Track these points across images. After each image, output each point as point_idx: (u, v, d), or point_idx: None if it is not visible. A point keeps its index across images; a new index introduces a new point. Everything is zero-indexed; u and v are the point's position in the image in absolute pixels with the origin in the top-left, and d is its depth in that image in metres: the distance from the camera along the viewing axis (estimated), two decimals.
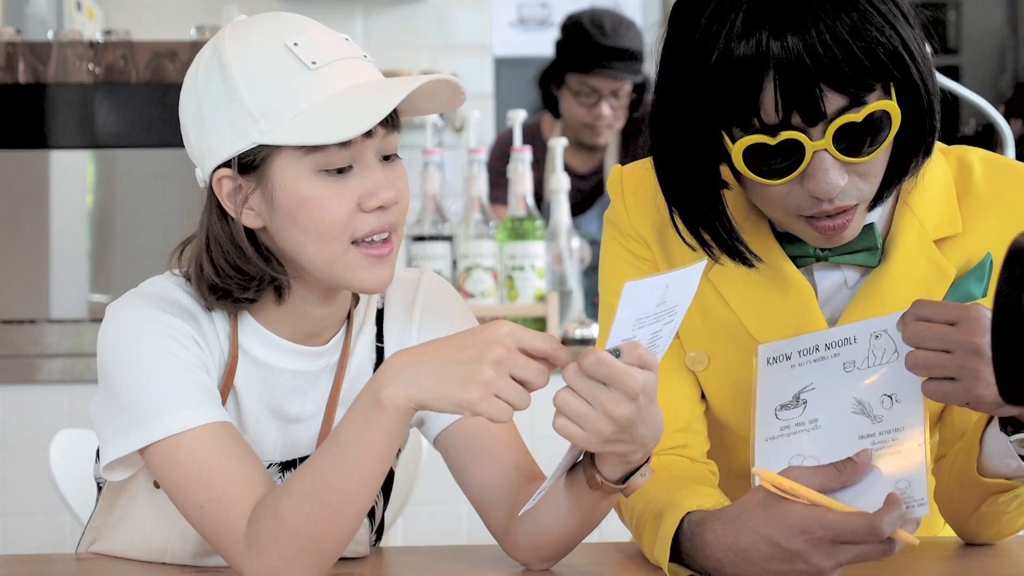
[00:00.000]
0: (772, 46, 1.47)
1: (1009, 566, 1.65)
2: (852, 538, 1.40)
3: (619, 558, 1.70)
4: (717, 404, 1.78)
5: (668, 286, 1.39)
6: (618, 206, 1.79)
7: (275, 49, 1.53)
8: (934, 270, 1.68)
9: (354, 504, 1.47)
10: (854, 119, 1.51)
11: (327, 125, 1.50)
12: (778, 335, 1.69)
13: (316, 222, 1.53)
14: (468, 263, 3.21)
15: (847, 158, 1.52)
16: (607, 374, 1.37)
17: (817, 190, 1.52)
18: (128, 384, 1.55)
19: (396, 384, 1.42)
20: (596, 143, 4.19)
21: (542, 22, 7.05)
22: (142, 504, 1.69)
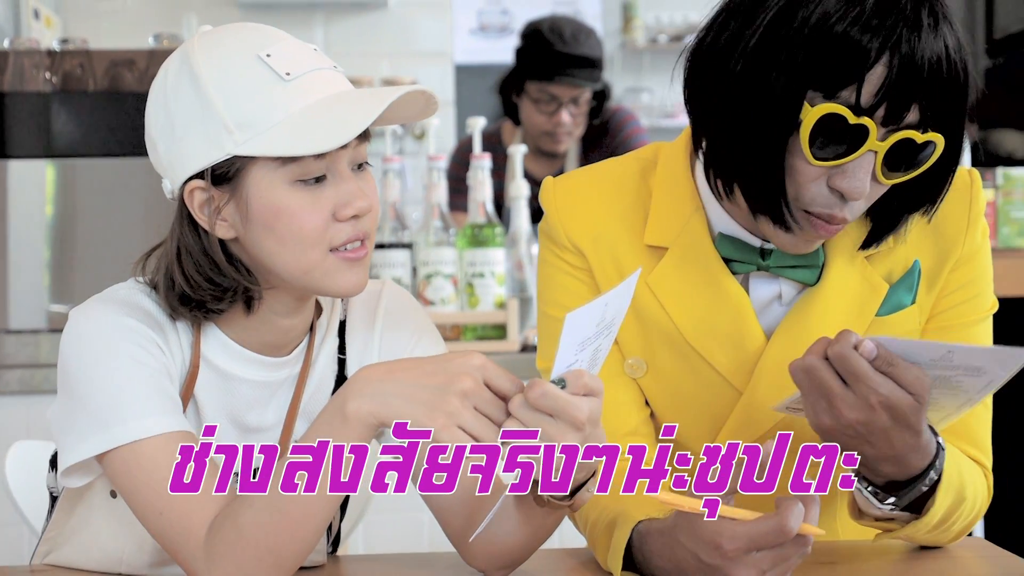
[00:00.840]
0: (904, 35, 1.50)
1: (958, 568, 1.66)
2: (764, 543, 1.41)
3: (574, 564, 1.70)
4: (658, 410, 1.80)
5: (607, 304, 1.40)
6: (552, 218, 1.80)
7: (248, 60, 1.53)
8: (867, 286, 1.71)
9: (315, 516, 1.47)
10: (916, 137, 1.54)
11: (305, 136, 1.50)
12: (715, 343, 1.71)
13: (293, 232, 1.53)
14: (428, 270, 3.20)
15: (882, 172, 1.56)
16: (552, 406, 1.38)
17: (848, 187, 1.55)
18: (91, 388, 1.55)
19: (362, 398, 1.42)
20: (556, 150, 4.20)
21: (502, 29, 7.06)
22: (99, 514, 1.68)
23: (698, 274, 1.71)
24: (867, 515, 1.63)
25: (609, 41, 7.23)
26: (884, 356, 1.48)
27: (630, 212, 1.76)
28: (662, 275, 1.73)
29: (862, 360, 1.47)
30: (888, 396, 1.48)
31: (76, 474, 1.59)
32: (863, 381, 1.48)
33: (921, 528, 1.61)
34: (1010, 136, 6.77)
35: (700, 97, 1.65)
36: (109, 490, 1.66)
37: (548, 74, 4.08)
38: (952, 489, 1.60)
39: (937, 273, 1.73)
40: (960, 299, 1.74)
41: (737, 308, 1.71)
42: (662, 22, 7.55)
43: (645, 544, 1.55)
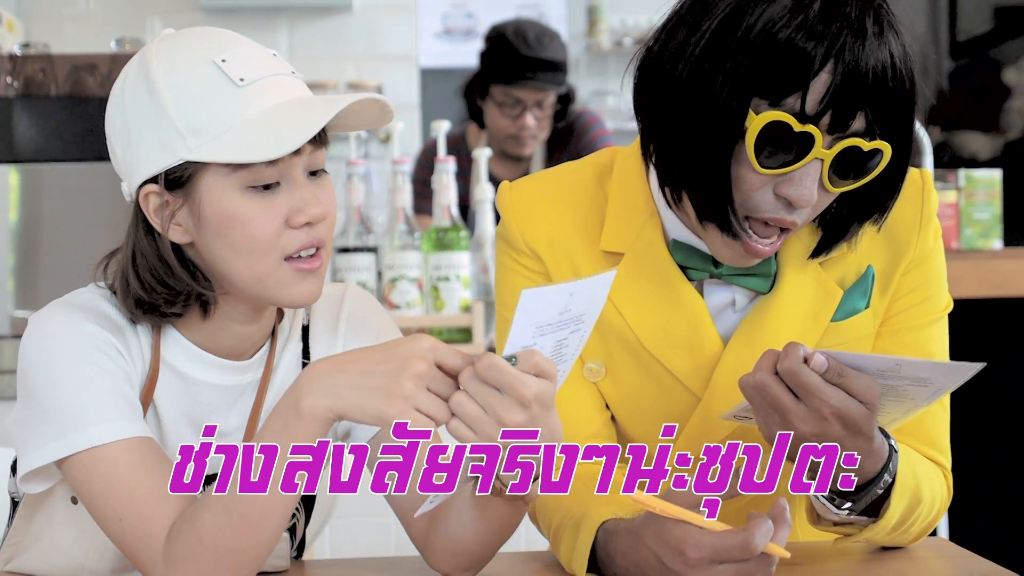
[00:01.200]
0: (849, 43, 1.50)
1: (919, 568, 1.67)
2: (728, 556, 1.41)
3: (538, 567, 1.70)
4: (618, 414, 1.80)
5: (572, 294, 1.39)
6: (509, 222, 1.80)
7: (203, 65, 1.52)
8: (821, 291, 1.72)
9: (273, 516, 1.47)
10: (862, 145, 1.55)
11: (255, 143, 1.49)
12: (672, 349, 1.71)
13: (245, 238, 1.52)
14: (393, 274, 3.20)
15: (829, 180, 1.56)
16: (499, 379, 1.37)
17: (795, 195, 1.55)
18: (51, 393, 1.54)
19: (316, 394, 1.42)
20: (521, 153, 4.20)
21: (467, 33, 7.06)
22: (60, 520, 1.68)
23: (654, 280, 1.72)
24: (825, 520, 1.64)
25: (574, 44, 7.24)
26: (834, 368, 1.48)
27: (586, 217, 1.77)
28: (618, 281, 1.73)
29: (812, 373, 1.48)
30: (840, 407, 1.48)
31: (36, 480, 1.59)
32: (815, 394, 1.48)
33: (879, 531, 1.61)
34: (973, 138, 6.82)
35: (648, 104, 1.65)
36: (70, 496, 1.65)
37: (512, 78, 4.08)
38: (907, 491, 1.61)
39: (890, 276, 1.74)
40: (913, 301, 1.75)
41: (693, 313, 1.72)
42: (627, 25, 7.56)
43: (611, 542, 1.55)
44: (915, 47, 1.57)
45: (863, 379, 1.49)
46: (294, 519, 1.73)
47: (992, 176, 3.71)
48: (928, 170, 1.77)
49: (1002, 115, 6.87)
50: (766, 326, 1.70)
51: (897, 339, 1.75)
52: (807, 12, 1.51)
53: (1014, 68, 6.91)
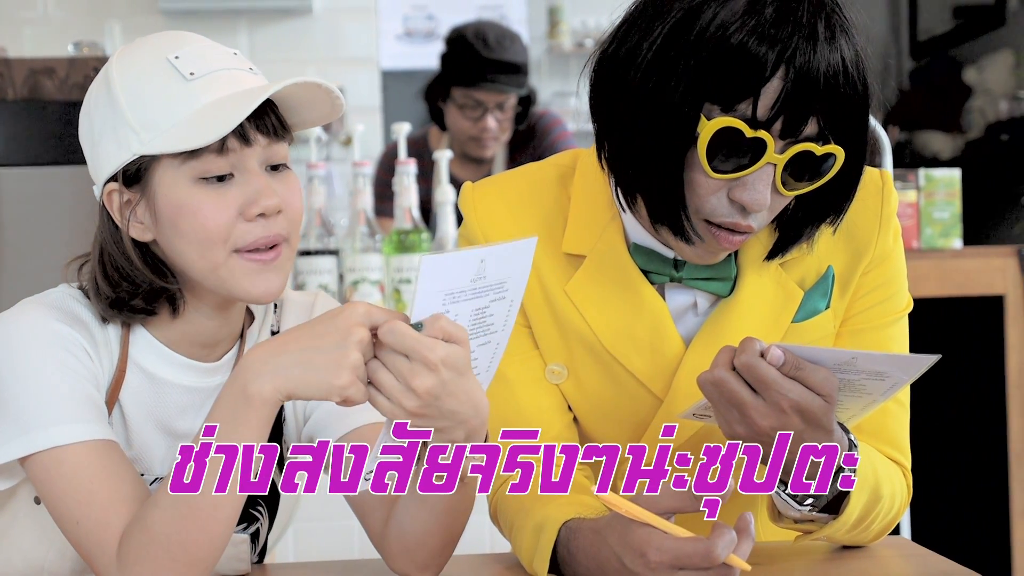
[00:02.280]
0: (801, 47, 1.50)
1: (879, 567, 1.68)
2: (689, 563, 1.40)
3: (500, 569, 1.70)
4: (581, 416, 1.80)
5: (484, 260, 1.39)
6: (472, 223, 1.79)
7: (156, 63, 1.54)
8: (782, 292, 1.72)
9: (225, 507, 1.46)
10: (815, 150, 1.54)
11: (198, 131, 1.50)
12: (634, 351, 1.71)
13: (196, 229, 1.53)
14: (355, 276, 3.20)
15: (782, 185, 1.56)
16: (401, 344, 1.37)
17: (749, 199, 1.55)
18: (15, 391, 1.53)
19: (262, 377, 1.41)
20: (483, 156, 4.20)
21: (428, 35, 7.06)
22: (22, 521, 1.67)
23: (615, 282, 1.72)
24: (785, 517, 1.64)
25: (535, 46, 7.24)
26: (791, 361, 1.48)
27: (549, 219, 1.77)
28: (579, 283, 1.73)
29: (770, 367, 1.48)
30: (798, 400, 1.49)
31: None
32: (772, 388, 1.48)
33: (839, 528, 1.62)
34: (934, 137, 6.85)
35: (602, 107, 1.64)
36: (33, 496, 1.65)
37: (473, 80, 4.08)
38: (867, 487, 1.62)
39: (850, 276, 1.74)
40: (874, 301, 1.75)
41: (655, 316, 1.72)
42: (588, 26, 7.56)
43: (573, 540, 1.55)
44: (869, 50, 1.57)
45: (820, 371, 1.49)
46: (257, 523, 1.72)
47: (952, 176, 3.73)
48: (888, 171, 1.78)
49: (963, 115, 6.91)
50: (727, 328, 1.70)
51: (857, 339, 1.75)
52: (760, 16, 1.50)
53: (974, 68, 6.95)
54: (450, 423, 1.43)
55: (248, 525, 1.71)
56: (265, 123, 1.55)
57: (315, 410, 1.73)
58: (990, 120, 6.72)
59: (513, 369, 1.76)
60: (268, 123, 1.55)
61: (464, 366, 1.40)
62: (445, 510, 1.57)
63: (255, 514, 1.72)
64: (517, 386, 1.75)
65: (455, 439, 1.46)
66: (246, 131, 1.53)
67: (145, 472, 1.64)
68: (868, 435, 1.72)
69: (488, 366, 1.50)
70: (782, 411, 1.49)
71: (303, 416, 1.74)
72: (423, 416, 1.40)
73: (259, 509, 1.72)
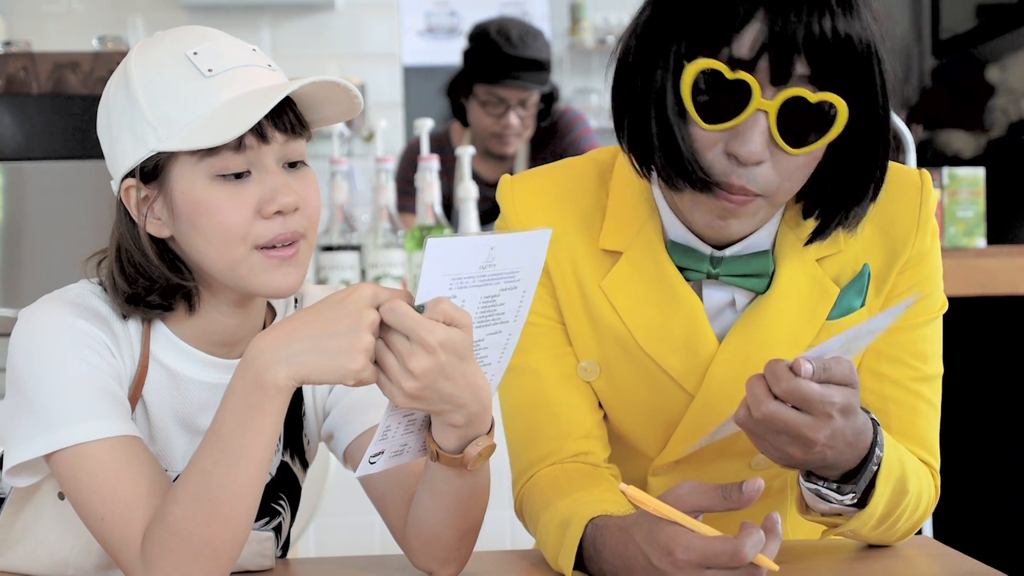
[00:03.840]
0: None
1: (905, 566, 1.67)
2: (716, 562, 1.39)
3: (525, 566, 1.70)
4: (612, 413, 1.79)
5: (494, 248, 1.39)
6: (509, 217, 1.79)
7: (174, 59, 1.54)
8: (817, 290, 1.71)
9: (245, 499, 1.46)
10: (807, 96, 1.52)
11: (215, 128, 1.50)
12: (668, 348, 1.71)
13: (214, 227, 1.53)
14: (377, 272, 3.20)
15: (780, 137, 1.53)
16: (400, 323, 1.38)
17: (741, 149, 1.53)
18: (39, 388, 1.54)
19: (276, 365, 1.41)
20: (504, 152, 4.20)
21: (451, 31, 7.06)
22: (47, 516, 1.67)
23: (651, 279, 1.71)
24: (813, 511, 1.64)
25: (557, 42, 7.24)
26: (818, 368, 1.47)
27: (587, 214, 1.76)
28: (616, 280, 1.72)
29: (810, 383, 1.46)
30: (842, 401, 1.48)
31: (24, 474, 1.59)
32: (818, 401, 1.47)
33: (866, 520, 1.61)
34: (956, 136, 6.83)
35: (614, 88, 1.65)
36: (57, 492, 1.65)
37: (495, 77, 4.08)
38: (892, 477, 1.60)
39: (886, 275, 1.73)
40: None
41: (690, 313, 1.71)
42: (610, 23, 7.56)
43: (600, 537, 1.54)
44: (873, 5, 1.55)
45: (840, 364, 1.49)
46: (280, 516, 1.73)
47: (975, 174, 3.72)
48: (927, 171, 1.76)
49: (985, 113, 6.88)
50: (762, 324, 1.69)
51: (890, 338, 1.73)
52: None
53: (997, 66, 6.93)
54: (449, 407, 1.44)
55: (270, 519, 1.71)
56: (283, 120, 1.55)
57: (335, 406, 1.73)
58: (1013, 119, 6.69)
59: (545, 365, 1.76)
60: (286, 120, 1.55)
61: (465, 350, 1.41)
62: (457, 501, 1.56)
63: (277, 508, 1.72)
64: (548, 381, 1.75)
65: (454, 423, 1.46)
66: (264, 129, 1.53)
67: (168, 468, 1.64)
68: (897, 435, 1.71)
69: (500, 356, 1.50)
70: (830, 417, 1.48)
71: (323, 411, 1.74)
72: (421, 399, 1.41)
73: (281, 503, 1.72)
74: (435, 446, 1.50)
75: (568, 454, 1.74)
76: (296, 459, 1.74)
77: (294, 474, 1.74)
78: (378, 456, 1.50)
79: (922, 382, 1.75)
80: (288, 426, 1.71)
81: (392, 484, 1.66)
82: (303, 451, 1.76)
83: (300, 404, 1.73)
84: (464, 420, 1.46)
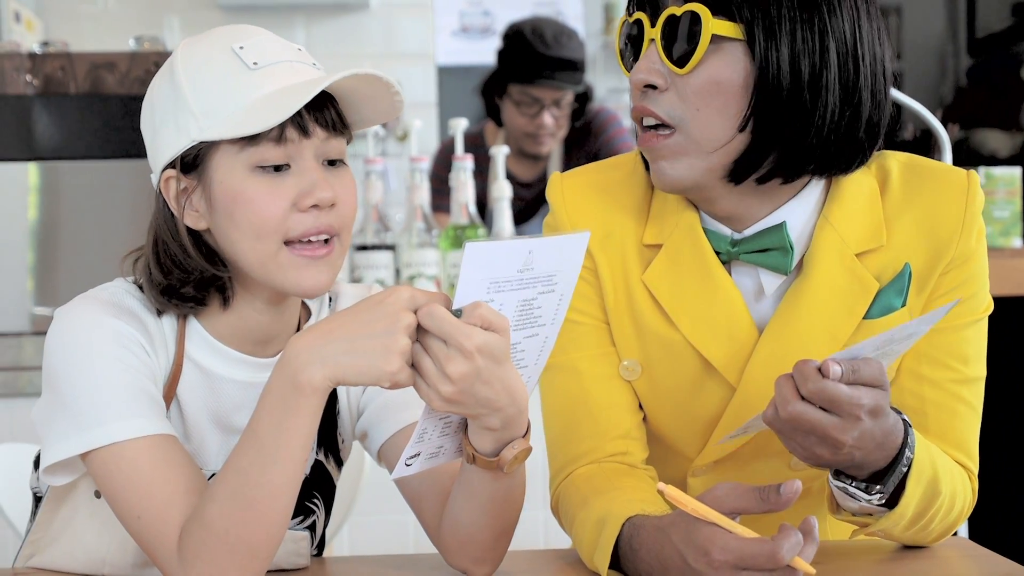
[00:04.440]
0: None
1: (941, 567, 1.66)
2: (752, 564, 1.39)
3: (560, 565, 1.70)
4: (652, 414, 1.79)
5: (532, 251, 1.39)
6: (560, 213, 1.79)
7: (221, 52, 1.56)
8: (856, 283, 1.69)
9: (281, 498, 1.47)
10: (675, 11, 1.60)
11: (257, 117, 1.51)
12: (711, 337, 1.70)
13: (250, 219, 1.54)
14: (411, 272, 3.20)
15: (667, 60, 1.62)
16: (437, 328, 1.38)
17: (634, 77, 1.64)
18: (74, 387, 1.55)
19: (312, 366, 1.41)
20: (539, 152, 4.19)
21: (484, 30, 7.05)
22: (83, 514, 1.68)
23: (691, 267, 1.71)
24: (844, 510, 1.63)
25: (591, 42, 7.23)
26: (847, 369, 1.47)
27: (635, 211, 1.77)
28: (656, 272, 1.72)
29: (838, 384, 1.46)
30: (870, 403, 1.48)
31: (59, 472, 1.59)
32: (845, 402, 1.47)
33: (896, 521, 1.60)
34: (992, 135, 6.79)
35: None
36: (93, 490, 1.66)
37: (530, 77, 4.08)
38: (924, 478, 1.59)
39: (928, 275, 1.71)
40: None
41: (729, 299, 1.71)
42: None
43: (636, 536, 1.54)
44: None
45: (870, 364, 1.48)
46: (314, 515, 1.73)
47: (1012, 174, 3.70)
48: (975, 172, 1.75)
49: (1021, 112, 6.84)
50: (800, 314, 1.69)
51: (933, 339, 1.71)
52: None
53: None
54: (485, 411, 1.44)
55: (305, 518, 1.71)
56: (324, 116, 1.56)
57: (368, 404, 1.73)
58: None
59: (587, 364, 1.76)
60: (327, 116, 1.56)
61: (502, 354, 1.41)
62: (493, 502, 1.56)
63: (311, 507, 1.72)
64: (588, 381, 1.75)
65: (491, 427, 1.46)
66: (305, 122, 1.54)
67: (202, 467, 1.65)
68: (935, 437, 1.70)
69: (536, 359, 1.50)
70: (858, 419, 1.48)
71: (357, 410, 1.75)
72: (458, 403, 1.41)
73: (315, 502, 1.73)
74: (471, 449, 1.50)
75: (606, 454, 1.74)
76: (331, 458, 1.75)
77: (329, 473, 1.75)
78: (414, 458, 1.50)
79: (962, 384, 1.73)
80: (323, 425, 1.71)
81: (427, 484, 1.66)
82: (338, 450, 1.76)
83: (335, 403, 1.74)
84: (500, 423, 1.46)
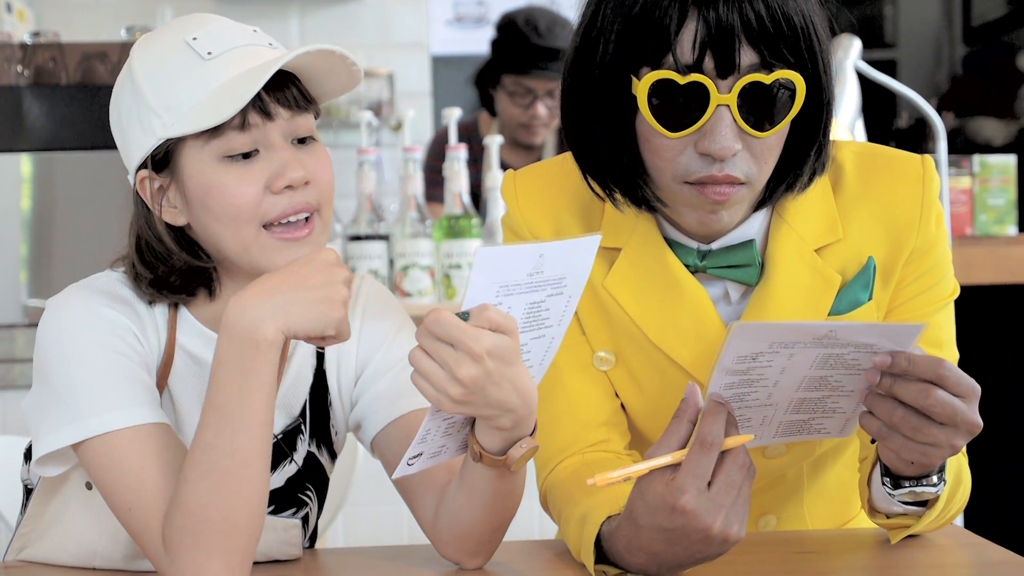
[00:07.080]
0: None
1: (936, 556, 1.66)
2: (702, 470, 1.39)
3: (550, 556, 1.70)
4: (628, 404, 1.78)
5: (543, 255, 1.39)
6: (513, 211, 1.79)
7: (175, 46, 1.56)
8: (819, 280, 1.68)
9: (252, 464, 1.47)
10: (762, 79, 1.53)
11: (216, 107, 1.51)
12: (679, 341, 1.69)
13: (225, 208, 1.54)
14: (405, 262, 3.20)
15: (747, 125, 1.54)
16: (446, 333, 1.38)
17: (713, 147, 1.53)
18: (66, 377, 1.55)
19: (266, 321, 1.45)
20: (532, 142, 4.20)
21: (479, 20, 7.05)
22: (74, 506, 1.68)
23: (653, 273, 1.69)
24: (879, 512, 1.63)
25: None
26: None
27: (587, 210, 1.75)
28: (618, 278, 1.71)
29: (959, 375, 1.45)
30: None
31: (50, 463, 1.59)
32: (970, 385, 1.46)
33: (932, 517, 1.60)
34: (987, 123, 6.79)
35: (564, 106, 1.67)
36: (85, 482, 1.66)
37: (523, 67, 4.08)
38: (952, 472, 1.60)
39: (892, 266, 1.70)
40: (919, 289, 1.71)
41: (696, 302, 1.69)
42: None
43: (612, 544, 1.53)
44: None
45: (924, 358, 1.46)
46: (307, 507, 1.73)
47: (1007, 162, 3.70)
48: (930, 156, 1.73)
49: (1016, 101, 6.85)
50: (767, 316, 1.67)
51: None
52: None
53: None
54: (496, 412, 1.44)
55: (298, 510, 1.71)
56: (286, 96, 1.56)
57: (362, 395, 1.73)
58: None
59: (560, 355, 1.75)
60: (289, 96, 1.56)
61: (512, 356, 1.41)
62: (493, 499, 1.56)
63: (304, 499, 1.72)
64: (564, 372, 1.74)
65: (501, 427, 1.46)
66: (266, 104, 1.54)
67: None
68: None
69: (541, 360, 1.50)
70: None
71: (350, 402, 1.74)
72: (468, 404, 1.41)
73: (308, 493, 1.72)
74: (479, 447, 1.50)
75: (587, 443, 1.73)
76: (324, 450, 1.74)
77: (321, 465, 1.74)
78: (416, 458, 1.50)
79: None
80: (315, 417, 1.71)
81: (425, 478, 1.65)
82: (331, 442, 1.76)
83: (326, 394, 1.73)
84: (511, 423, 1.46)
